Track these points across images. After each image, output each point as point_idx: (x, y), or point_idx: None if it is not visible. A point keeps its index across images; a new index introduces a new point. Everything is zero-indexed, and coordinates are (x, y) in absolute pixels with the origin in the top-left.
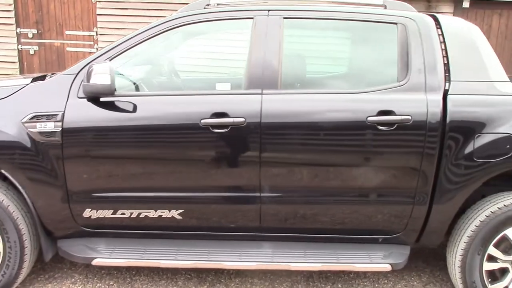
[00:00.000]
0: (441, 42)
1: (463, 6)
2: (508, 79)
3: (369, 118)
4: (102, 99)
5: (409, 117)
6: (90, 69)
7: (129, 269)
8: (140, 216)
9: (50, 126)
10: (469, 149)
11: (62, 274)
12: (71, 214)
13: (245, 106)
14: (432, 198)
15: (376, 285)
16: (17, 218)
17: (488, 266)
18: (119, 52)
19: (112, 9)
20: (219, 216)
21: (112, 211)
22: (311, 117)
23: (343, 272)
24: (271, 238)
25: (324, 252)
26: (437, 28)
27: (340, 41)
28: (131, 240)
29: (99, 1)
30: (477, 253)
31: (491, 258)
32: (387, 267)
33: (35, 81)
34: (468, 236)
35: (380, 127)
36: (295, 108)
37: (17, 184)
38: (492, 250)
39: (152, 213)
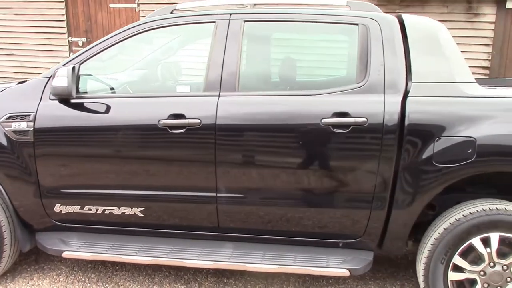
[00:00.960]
0: (404, 43)
1: (506, 7)
2: (473, 80)
3: (323, 120)
4: (73, 101)
5: (365, 119)
6: (54, 73)
7: (113, 264)
8: (105, 212)
9: (23, 126)
10: (428, 153)
11: (51, 266)
12: (44, 208)
13: (201, 108)
14: (391, 203)
15: None
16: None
17: (453, 276)
18: (90, 56)
19: None
20: (179, 215)
21: (80, 206)
22: (265, 119)
23: (331, 277)
24: (233, 239)
25: (283, 254)
26: (401, 28)
27: (300, 43)
28: (101, 236)
29: (142, 10)
30: (440, 262)
31: (457, 268)
32: (345, 272)
33: (18, 85)
34: (431, 244)
35: (334, 129)
36: (250, 110)
37: None
38: (457, 260)
39: (115, 210)
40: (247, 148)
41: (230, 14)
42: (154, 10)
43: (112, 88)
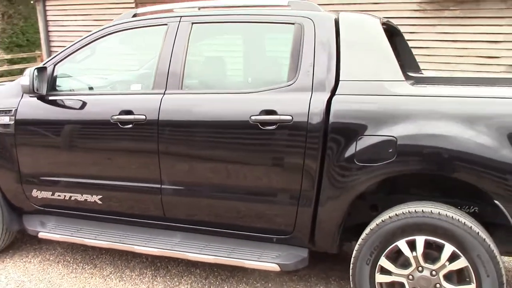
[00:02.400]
0: (337, 42)
1: None
2: (401, 78)
3: (252, 117)
4: (47, 98)
5: (290, 117)
6: (24, 73)
7: (101, 249)
8: (72, 198)
9: (6, 120)
10: (350, 151)
11: (48, 247)
12: (24, 193)
13: (146, 105)
14: (317, 200)
15: None
16: None
17: (381, 278)
18: (63, 57)
19: None
20: (131, 204)
21: (51, 192)
22: (202, 116)
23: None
24: (181, 229)
25: (223, 246)
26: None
27: (241, 43)
28: (73, 220)
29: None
30: (366, 263)
31: (384, 270)
32: (275, 267)
33: (7, 83)
34: (358, 244)
35: (262, 127)
36: (189, 107)
37: None
38: (383, 262)
39: (79, 197)
40: (185, 143)
41: (181, 16)
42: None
43: (84, 87)
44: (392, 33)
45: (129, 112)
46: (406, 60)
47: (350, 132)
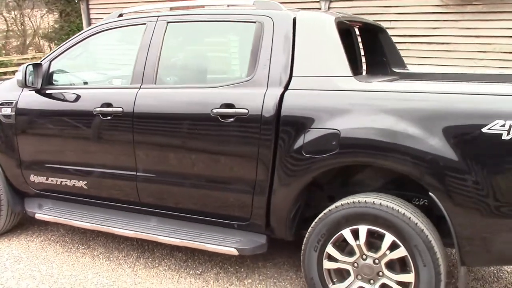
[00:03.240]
0: (293, 39)
1: None
2: (349, 74)
3: (213, 110)
4: (44, 91)
5: (246, 111)
6: (20, 68)
7: (100, 232)
8: (62, 183)
9: (8, 111)
10: (299, 143)
11: (53, 228)
12: (23, 177)
13: (124, 98)
14: (271, 189)
15: None
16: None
17: (328, 265)
18: (58, 54)
19: None
20: (112, 190)
21: (45, 178)
22: (170, 109)
23: None
24: (156, 214)
25: (191, 230)
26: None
27: (209, 40)
28: (67, 203)
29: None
30: (314, 249)
31: (331, 258)
32: (233, 251)
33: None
34: (308, 232)
35: (222, 119)
36: (159, 101)
37: None
38: (330, 249)
39: (69, 182)
40: (155, 133)
41: (158, 16)
42: None
43: (75, 82)
44: (375, 31)
45: (109, 105)
46: (391, 57)
47: (299, 125)
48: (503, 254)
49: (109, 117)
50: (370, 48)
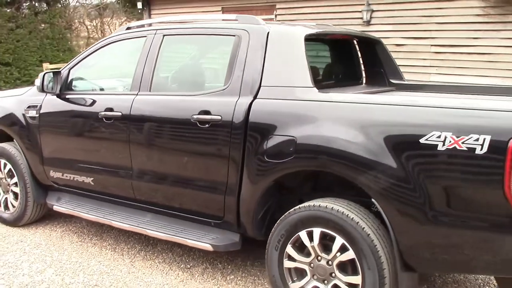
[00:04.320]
0: (265, 52)
1: None
2: (311, 85)
3: (193, 116)
4: (63, 96)
5: (219, 117)
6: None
7: (113, 227)
8: (74, 179)
9: (33, 113)
10: (263, 148)
11: (76, 220)
12: (45, 173)
13: (123, 104)
14: (240, 190)
15: None
16: (25, 172)
17: (288, 264)
18: (76, 63)
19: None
20: (114, 186)
21: (61, 173)
22: (159, 114)
23: None
24: (150, 210)
25: (177, 227)
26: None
27: (196, 52)
28: (81, 198)
29: (278, 20)
30: (275, 249)
31: (290, 257)
32: (209, 247)
33: None
34: (271, 232)
35: (200, 125)
36: (151, 107)
37: (21, 148)
38: (289, 249)
39: (79, 178)
40: (146, 136)
41: (156, 30)
42: (289, 20)
43: (88, 88)
44: (370, 43)
45: (111, 109)
46: (388, 68)
47: (264, 131)
48: (442, 261)
49: (110, 121)
50: (366, 60)
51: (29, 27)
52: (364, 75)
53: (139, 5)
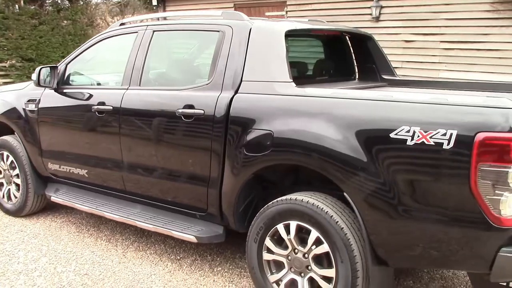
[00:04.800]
0: (246, 47)
1: None
2: (289, 80)
3: (178, 110)
4: (60, 90)
5: (202, 111)
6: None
7: (108, 219)
8: (70, 171)
9: (32, 107)
10: (242, 142)
11: (76, 212)
12: (43, 164)
13: (114, 98)
14: (221, 183)
15: None
16: (25, 164)
17: (266, 256)
18: (72, 58)
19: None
20: (106, 179)
21: (58, 165)
22: (146, 108)
23: None
24: (140, 202)
25: (165, 218)
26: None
27: (183, 47)
28: (77, 189)
29: (289, 16)
30: (254, 241)
31: (269, 250)
32: (193, 239)
33: None
34: (251, 225)
35: (184, 118)
36: (139, 100)
37: (21, 141)
38: (268, 242)
39: (74, 170)
40: (135, 129)
41: (147, 26)
42: (299, 16)
43: (83, 82)
44: (362, 39)
45: (103, 103)
46: (380, 64)
47: (243, 125)
48: (412, 256)
49: (103, 114)
50: (359, 56)
51: (52, 24)
52: (356, 70)
53: (154, 1)
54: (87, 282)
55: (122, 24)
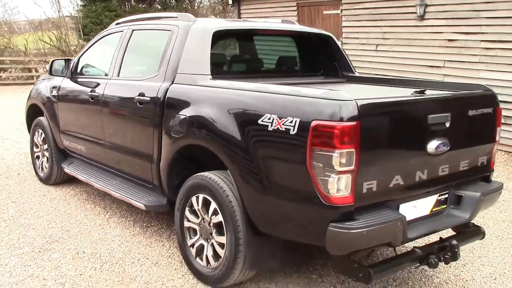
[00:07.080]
0: (184, 44)
1: None
2: (207, 73)
3: (135, 97)
4: (74, 79)
5: (148, 98)
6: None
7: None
8: (76, 147)
9: (55, 92)
10: (171, 125)
11: (89, 187)
12: (61, 140)
13: (100, 86)
14: (159, 160)
15: None
16: (51, 140)
17: (186, 223)
18: (83, 52)
19: (354, 21)
20: (97, 154)
21: (69, 142)
22: (117, 95)
23: None
24: (119, 175)
25: (131, 189)
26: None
27: (150, 44)
28: (84, 163)
29: (344, 15)
30: (178, 210)
31: (187, 218)
32: (142, 206)
33: None
34: (177, 196)
35: (138, 104)
36: (113, 89)
37: (47, 121)
38: (186, 211)
39: (78, 146)
40: (109, 113)
41: (129, 25)
42: (353, 14)
43: (88, 73)
44: (325, 40)
45: (94, 91)
46: (340, 62)
47: (172, 111)
48: (275, 228)
49: (93, 100)
50: (321, 54)
51: None
52: (320, 68)
53: (230, 1)
54: (63, 236)
55: (117, 23)
